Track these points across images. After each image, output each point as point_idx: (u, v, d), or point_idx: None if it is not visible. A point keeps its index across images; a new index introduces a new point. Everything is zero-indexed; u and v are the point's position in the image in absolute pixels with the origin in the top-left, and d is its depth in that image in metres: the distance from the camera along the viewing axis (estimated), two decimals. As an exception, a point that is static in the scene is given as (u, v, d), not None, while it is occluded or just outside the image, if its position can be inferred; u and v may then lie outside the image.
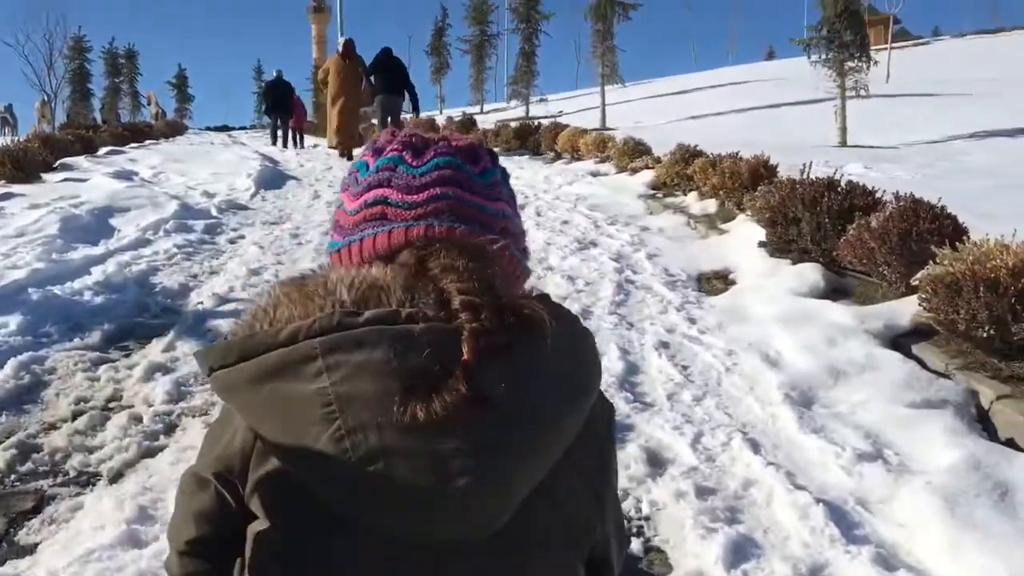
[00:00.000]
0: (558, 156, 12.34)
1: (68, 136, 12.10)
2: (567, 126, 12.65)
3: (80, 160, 10.95)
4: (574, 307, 4.89)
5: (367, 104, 14.46)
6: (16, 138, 16.45)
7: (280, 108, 19.33)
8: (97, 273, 5.65)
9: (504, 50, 44.51)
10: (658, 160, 8.98)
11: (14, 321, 4.45)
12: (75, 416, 3.52)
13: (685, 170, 7.77)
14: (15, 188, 8.54)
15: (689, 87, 30.02)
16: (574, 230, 7.10)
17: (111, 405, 3.65)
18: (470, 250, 0.93)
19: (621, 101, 23.06)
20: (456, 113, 36.95)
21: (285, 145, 19.05)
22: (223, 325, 4.54)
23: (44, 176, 9.71)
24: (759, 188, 6.06)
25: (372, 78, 13.81)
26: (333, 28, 41.48)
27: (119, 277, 5.58)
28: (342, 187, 1.04)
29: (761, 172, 6.51)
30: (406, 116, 15.08)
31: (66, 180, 9.46)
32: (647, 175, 8.89)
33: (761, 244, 5.47)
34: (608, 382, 3.77)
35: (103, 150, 13.00)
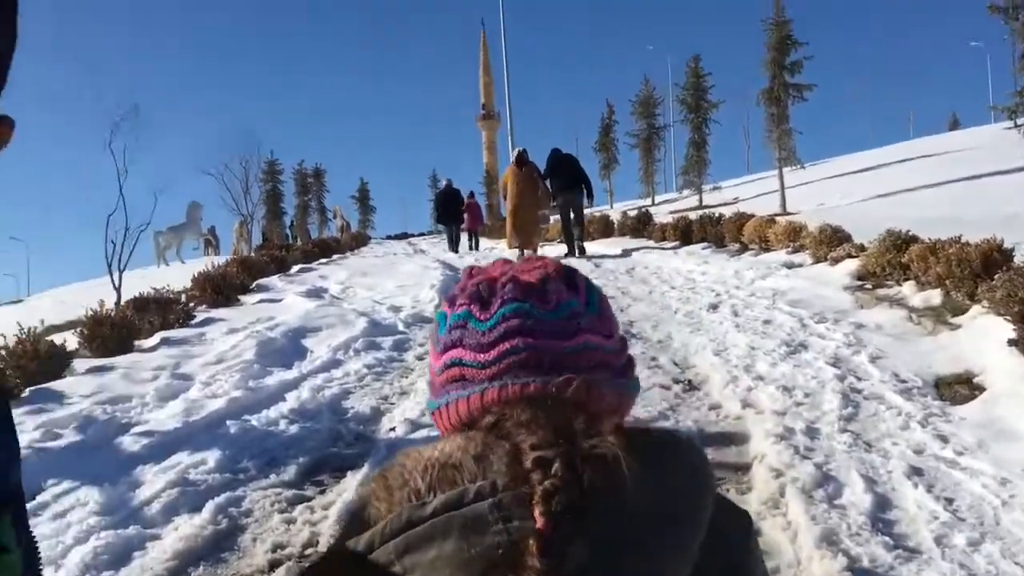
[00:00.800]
0: (744, 247, 11.75)
1: (264, 257, 12.70)
2: (752, 216, 12.06)
3: (274, 280, 11.41)
4: (796, 424, 4.35)
5: (544, 207, 14.92)
6: (218, 258, 17.83)
7: (452, 216, 20.37)
8: (292, 399, 5.63)
9: (671, 140, 44.52)
10: (862, 248, 8.27)
11: (213, 457, 4.40)
12: (272, 567, 3.33)
13: (898, 258, 7.06)
14: (215, 312, 8.89)
15: (871, 164, 28.64)
16: (779, 331, 6.52)
17: (307, 552, 3.45)
18: (546, 399, 0.87)
19: (800, 183, 22.18)
20: (626, 206, 36.95)
21: (457, 249, 19.79)
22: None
23: (242, 298, 10.13)
24: (995, 276, 5.34)
25: (548, 181, 14.15)
26: (503, 134, 42.87)
27: (313, 403, 5.53)
28: (430, 341, 0.98)
29: (995, 257, 5.77)
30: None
31: (262, 301, 9.81)
32: (850, 264, 8.19)
33: (1012, 343, 4.73)
34: (857, 522, 3.21)
35: (295, 268, 13.58)
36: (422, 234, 53.31)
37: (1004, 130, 24.83)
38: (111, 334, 7.29)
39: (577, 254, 13.89)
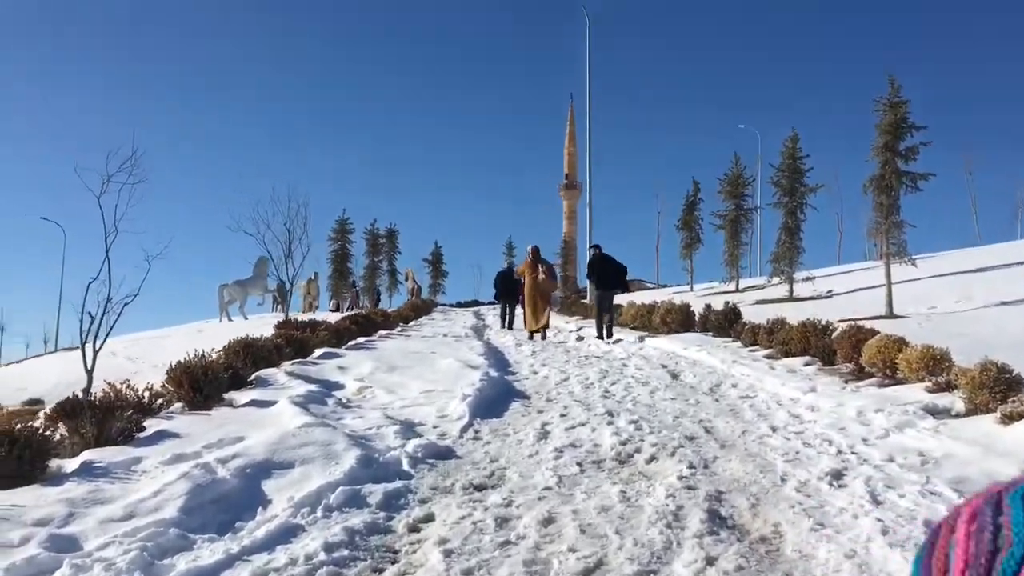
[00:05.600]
0: (861, 371, 9.31)
1: (278, 339, 10.78)
2: (872, 331, 9.64)
3: (279, 373, 9.44)
4: None
5: (552, 289, 18.78)
6: (281, 316, 16.31)
7: (508, 295, 21.95)
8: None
9: (759, 223, 41.95)
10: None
11: None
12: None
13: None
14: (177, 422, 6.95)
15: (984, 263, 25.75)
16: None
17: None
18: None
19: (905, 280, 19.55)
20: (707, 288, 34.55)
21: (511, 326, 21.80)
22: None
23: (231, 395, 8.19)
24: None
25: (588, 277, 17.88)
26: (583, 204, 41.12)
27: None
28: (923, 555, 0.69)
29: None
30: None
31: (250, 404, 7.84)
32: (1033, 424, 5.83)
33: None
34: None
35: (317, 352, 11.67)
36: (492, 302, 51.63)
37: None
38: (8, 456, 5.36)
39: (607, 338, 16.13)
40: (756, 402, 8.48)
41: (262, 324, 20.51)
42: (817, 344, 10.58)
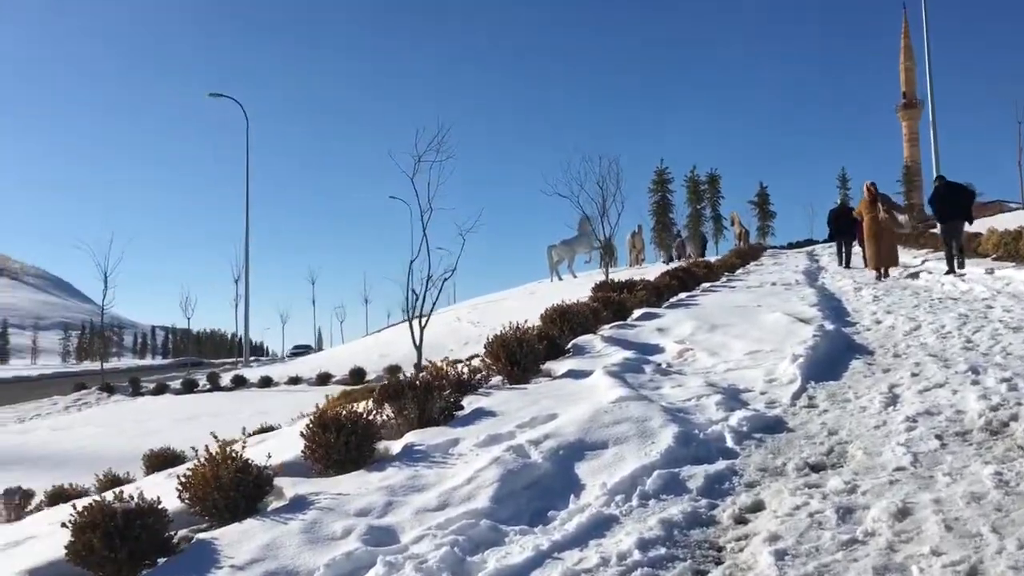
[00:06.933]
0: None
1: (595, 303, 10.54)
2: None
3: (595, 339, 9.16)
4: None
5: (895, 226, 17.77)
6: (614, 270, 16.54)
7: (843, 232, 21.35)
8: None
9: None
10: None
11: None
12: None
13: None
14: (493, 399, 6.89)
15: None
16: None
17: None
18: None
19: None
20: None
21: (849, 264, 21.17)
22: None
23: (549, 366, 8.06)
24: None
25: (933, 207, 16.43)
26: (924, 123, 37.20)
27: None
28: None
29: None
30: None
31: (567, 375, 7.64)
32: None
33: None
34: None
35: (637, 313, 11.27)
36: (827, 241, 48.47)
37: None
38: (337, 442, 5.56)
39: (956, 271, 15.26)
40: None
41: (589, 281, 20.69)
42: None
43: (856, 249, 21.28)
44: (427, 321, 9.10)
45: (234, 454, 5.04)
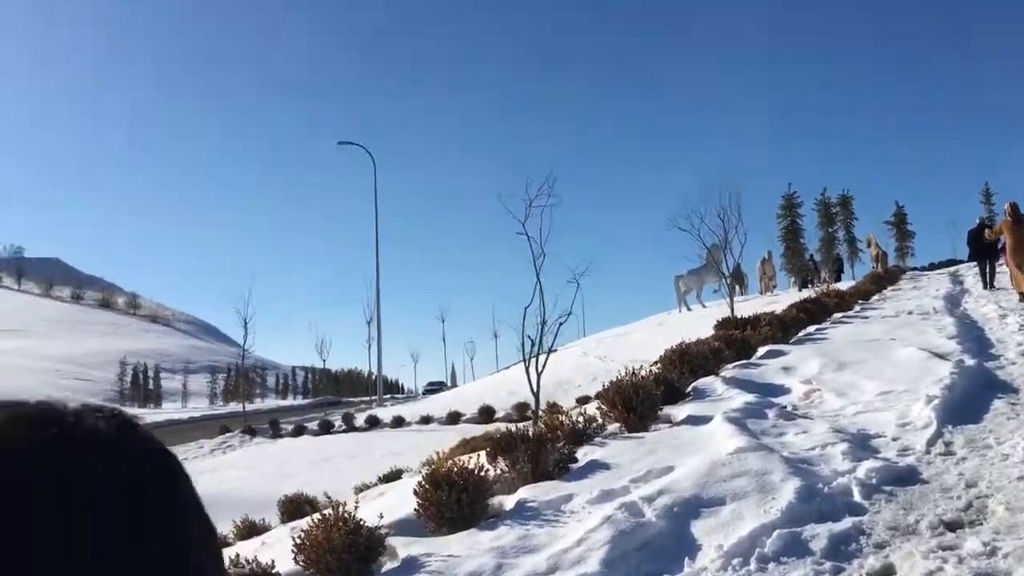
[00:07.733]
0: None
1: (716, 342, 10.24)
2: None
3: (716, 381, 8.88)
4: None
5: None
6: (741, 299, 16.16)
7: (985, 252, 19.91)
8: None
9: None
10: None
11: None
12: None
13: None
14: (608, 450, 6.77)
15: None
16: None
17: None
18: None
19: None
20: None
21: (993, 284, 19.53)
22: None
23: (668, 410, 7.86)
24: None
25: None
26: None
27: None
28: None
29: None
30: None
31: (686, 421, 7.43)
32: None
33: None
34: None
35: (762, 350, 10.87)
36: (969, 259, 45.74)
37: None
38: (448, 500, 5.57)
39: None
40: None
41: (718, 311, 20.22)
42: None
43: (1003, 269, 19.95)
44: (543, 367, 9.05)
45: (346, 515, 5.11)
